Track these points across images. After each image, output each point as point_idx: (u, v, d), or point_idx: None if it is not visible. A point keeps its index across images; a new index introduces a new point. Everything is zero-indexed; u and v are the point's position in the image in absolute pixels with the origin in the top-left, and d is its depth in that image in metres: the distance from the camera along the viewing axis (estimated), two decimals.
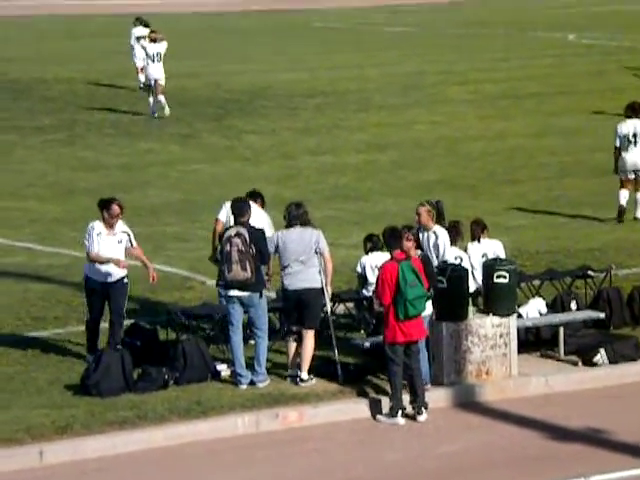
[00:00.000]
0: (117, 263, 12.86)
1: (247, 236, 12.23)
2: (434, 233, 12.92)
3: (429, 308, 12.34)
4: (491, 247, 13.91)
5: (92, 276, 12.96)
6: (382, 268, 11.87)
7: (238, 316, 12.42)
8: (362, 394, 12.20)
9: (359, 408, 12.07)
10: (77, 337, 13.82)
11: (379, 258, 13.42)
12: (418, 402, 11.84)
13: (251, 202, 13.01)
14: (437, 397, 12.38)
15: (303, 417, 11.90)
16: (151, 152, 25.28)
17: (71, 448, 11.16)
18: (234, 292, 12.33)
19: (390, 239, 11.91)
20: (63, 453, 11.11)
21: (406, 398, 11.92)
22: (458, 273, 12.62)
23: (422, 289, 11.75)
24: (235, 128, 27.50)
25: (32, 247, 18.18)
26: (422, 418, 11.82)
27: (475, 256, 13.74)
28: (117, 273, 12.92)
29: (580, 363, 13.23)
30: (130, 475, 10.91)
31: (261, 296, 12.40)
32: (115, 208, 13.01)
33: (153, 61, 28.63)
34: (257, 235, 12.36)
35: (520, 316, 13.45)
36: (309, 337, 12.51)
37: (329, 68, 35.88)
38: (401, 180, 22.80)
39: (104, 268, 12.89)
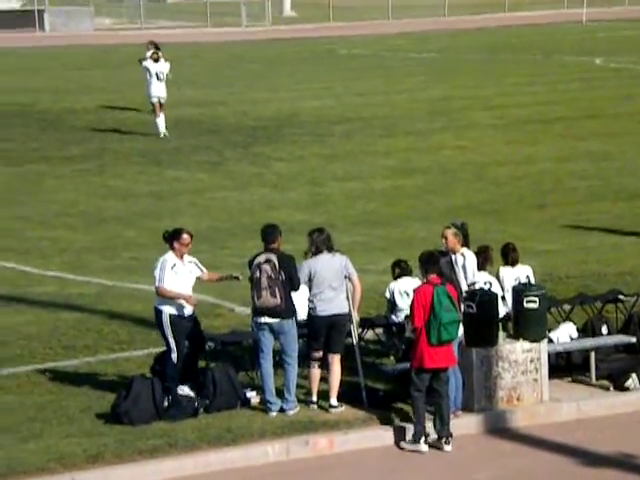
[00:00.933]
0: (187, 299, 12.56)
1: (276, 262, 12.26)
2: (462, 255, 12.91)
3: (459, 333, 12.30)
4: (523, 272, 13.87)
5: (174, 312, 12.49)
6: (417, 291, 11.87)
7: (268, 343, 12.42)
8: (391, 421, 12.15)
9: (389, 435, 12.02)
10: (107, 365, 13.86)
11: (408, 284, 13.41)
12: (445, 431, 11.76)
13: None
14: (468, 423, 12.33)
15: (333, 444, 11.87)
16: (179, 180, 25.40)
17: (103, 477, 11.17)
18: (264, 319, 12.34)
19: (427, 264, 11.91)
20: None
21: (430, 425, 11.84)
22: (488, 298, 12.58)
23: (457, 315, 11.73)
24: (263, 155, 27.60)
25: (62, 276, 18.27)
26: (448, 448, 11.72)
27: (508, 280, 13.69)
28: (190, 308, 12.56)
29: (612, 388, 13.15)
30: None
31: (292, 323, 12.40)
32: (185, 237, 12.72)
33: (158, 79, 29.00)
34: (286, 261, 12.37)
35: (551, 341, 13.39)
36: (336, 362, 12.50)
37: (355, 95, 35.98)
38: (429, 205, 22.79)
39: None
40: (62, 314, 15.97)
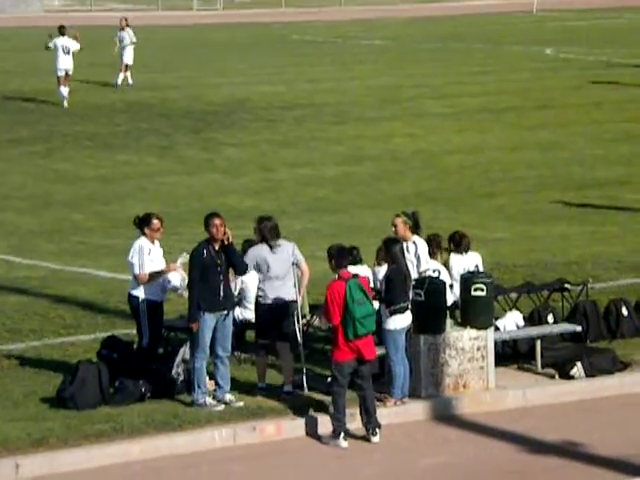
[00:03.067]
0: (168, 269, 12.49)
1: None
2: (413, 243, 12.94)
3: (408, 320, 12.31)
4: (473, 260, 13.92)
5: (151, 297, 12.44)
6: (329, 288, 11.78)
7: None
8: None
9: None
10: (53, 350, 13.76)
11: (358, 271, 13.40)
12: (372, 423, 11.71)
13: None
14: (415, 410, 12.38)
15: (281, 430, 11.88)
16: (129, 164, 25.24)
17: (47, 461, 11.10)
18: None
19: (339, 258, 11.84)
20: (39, 466, 11.05)
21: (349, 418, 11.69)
22: (436, 286, 12.64)
23: (370, 307, 11.63)
24: (214, 140, 27.49)
25: (9, 259, 18.11)
26: (376, 439, 11.67)
27: (457, 268, 13.71)
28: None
29: (557, 376, 13.26)
30: None
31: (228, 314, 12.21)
32: (156, 222, 12.65)
33: (64, 52, 31.25)
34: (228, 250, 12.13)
35: (497, 329, 13.47)
36: (286, 350, 12.49)
37: (307, 81, 35.93)
38: (379, 193, 22.84)
39: (158, 286, 12.48)
40: (8, 297, 15.82)
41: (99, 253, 18.54)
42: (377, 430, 11.71)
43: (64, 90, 30.90)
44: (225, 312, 12.14)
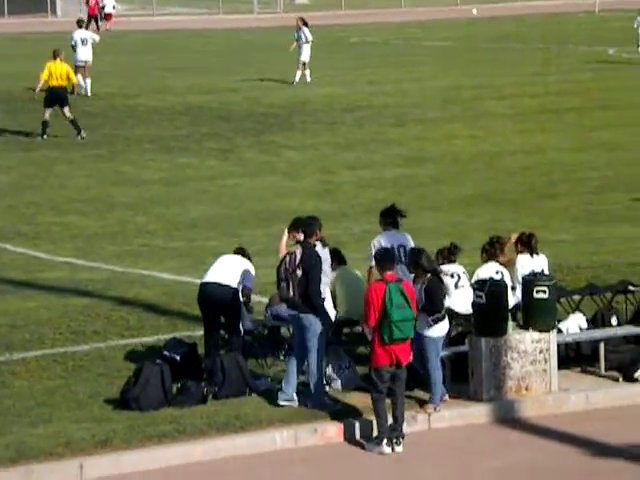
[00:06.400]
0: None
1: (298, 256, 12.14)
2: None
3: (446, 328, 12.20)
4: (540, 263, 13.76)
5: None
6: (369, 289, 11.67)
7: (294, 334, 12.36)
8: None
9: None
10: (116, 351, 13.89)
11: (453, 270, 13.28)
12: (397, 431, 11.53)
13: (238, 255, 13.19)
14: (477, 413, 12.33)
15: (342, 432, 11.88)
16: (190, 167, 25.40)
17: (111, 462, 11.20)
18: (289, 310, 12.32)
19: (382, 261, 11.72)
20: (103, 467, 11.15)
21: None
22: (497, 288, 12.57)
23: (410, 312, 11.45)
24: (274, 143, 27.58)
25: (72, 262, 18.30)
26: (399, 449, 11.50)
27: (524, 270, 13.53)
28: None
29: (621, 379, 13.13)
30: None
31: (310, 318, 12.09)
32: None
33: (83, 44, 32.87)
34: (310, 258, 12.11)
35: (560, 331, 13.37)
36: None
37: (367, 83, 35.92)
38: (439, 195, 22.76)
39: None
40: (72, 299, 16.00)
41: (162, 255, 18.68)
42: (401, 439, 11.51)
43: (85, 81, 32.13)
44: None
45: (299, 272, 12.11)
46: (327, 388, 12.35)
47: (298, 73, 35.42)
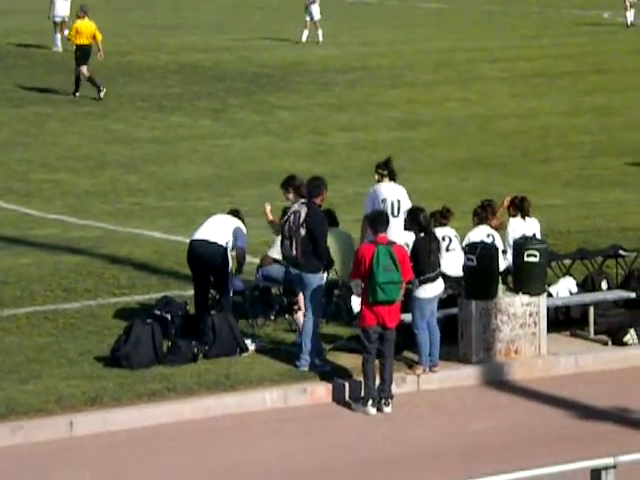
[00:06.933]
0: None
1: (302, 215, 12.17)
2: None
3: (439, 289, 12.18)
4: (532, 227, 13.78)
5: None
6: (359, 248, 11.79)
7: (299, 292, 12.41)
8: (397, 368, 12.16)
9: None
10: (107, 309, 13.91)
11: (444, 233, 13.29)
12: (385, 392, 11.61)
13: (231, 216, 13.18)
14: (466, 375, 12.38)
15: (331, 392, 11.92)
16: (182, 126, 25.32)
17: (101, 419, 11.25)
18: (290, 268, 12.36)
19: (375, 222, 11.75)
20: (93, 424, 11.20)
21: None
22: (488, 251, 12.59)
23: (396, 275, 11.43)
24: (267, 103, 27.49)
25: (64, 219, 18.28)
26: (388, 410, 11.59)
27: (516, 233, 13.54)
28: None
29: (610, 343, 13.18)
30: (158, 447, 10.98)
31: (311, 277, 12.13)
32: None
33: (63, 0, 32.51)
34: (314, 218, 12.17)
35: (550, 295, 13.41)
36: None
37: (361, 44, 35.75)
38: (432, 158, 22.74)
39: None
40: (63, 257, 15.99)
41: (153, 214, 18.66)
42: (389, 401, 11.58)
43: (59, 37, 31.92)
44: None
45: (302, 231, 12.14)
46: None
47: (305, 32, 35.16)
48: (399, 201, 13.26)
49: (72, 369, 12.12)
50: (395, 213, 13.13)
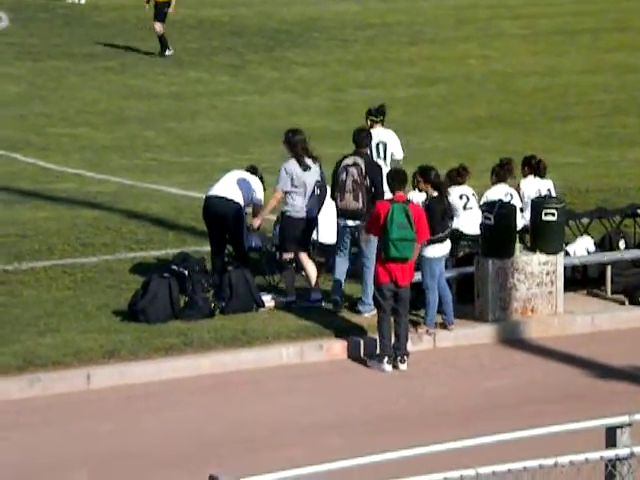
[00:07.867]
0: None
1: (363, 167, 12.28)
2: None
3: (447, 249, 12.18)
4: (545, 185, 13.76)
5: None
6: (376, 205, 11.84)
7: (347, 246, 12.50)
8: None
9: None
10: (125, 264, 13.97)
11: (462, 192, 13.25)
12: (401, 350, 11.65)
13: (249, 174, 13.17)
14: (482, 333, 12.40)
15: (347, 349, 11.97)
16: (200, 82, 25.26)
17: (118, 372, 11.33)
18: (346, 221, 12.40)
19: (393, 181, 11.79)
20: (110, 377, 11.28)
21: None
22: (506, 210, 12.56)
23: (410, 233, 11.44)
24: (285, 59, 27.37)
25: (82, 173, 18.31)
26: (404, 367, 11.63)
27: (529, 192, 13.54)
28: None
29: (627, 302, 13.18)
30: (175, 401, 11.06)
31: None
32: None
33: None
34: (373, 168, 12.41)
35: (567, 254, 13.39)
36: (307, 257, 12.69)
37: (380, 0, 35.52)
38: (451, 115, 22.63)
39: None
40: (81, 211, 16.04)
41: (170, 170, 18.68)
42: (405, 358, 11.62)
43: None
44: None
45: (367, 182, 12.20)
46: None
47: None
48: (385, 144, 13.35)
49: (90, 323, 12.20)
50: (381, 156, 13.27)
